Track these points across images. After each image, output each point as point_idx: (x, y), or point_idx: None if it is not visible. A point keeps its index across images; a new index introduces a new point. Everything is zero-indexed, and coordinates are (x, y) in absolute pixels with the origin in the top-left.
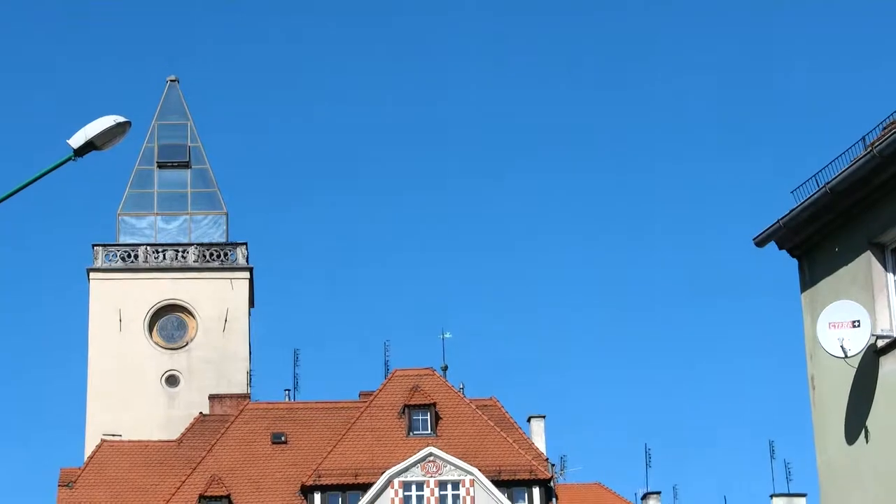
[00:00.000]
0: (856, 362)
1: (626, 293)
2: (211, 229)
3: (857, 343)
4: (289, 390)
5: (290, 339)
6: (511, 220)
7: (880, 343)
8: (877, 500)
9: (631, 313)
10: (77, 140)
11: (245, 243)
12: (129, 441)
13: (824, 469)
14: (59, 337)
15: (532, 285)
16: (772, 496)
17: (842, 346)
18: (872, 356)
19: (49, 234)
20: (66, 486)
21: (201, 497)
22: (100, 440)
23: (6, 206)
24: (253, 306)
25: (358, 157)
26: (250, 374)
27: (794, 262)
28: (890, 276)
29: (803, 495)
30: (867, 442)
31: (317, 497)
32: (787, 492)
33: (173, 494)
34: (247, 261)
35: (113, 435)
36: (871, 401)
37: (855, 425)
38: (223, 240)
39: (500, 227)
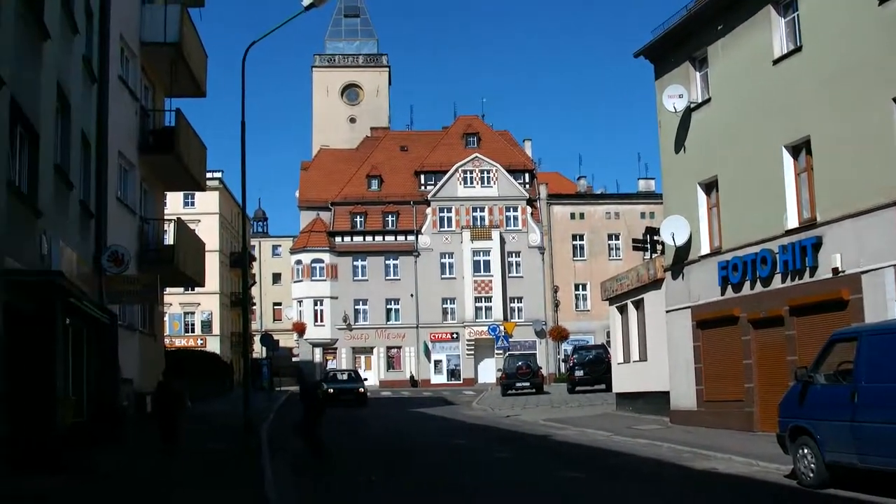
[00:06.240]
0: (680, 114)
1: None
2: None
3: (681, 105)
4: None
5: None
6: None
7: (692, 105)
8: (688, 174)
9: None
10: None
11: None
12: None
13: (666, 160)
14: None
15: None
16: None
17: (674, 106)
18: (688, 112)
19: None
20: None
21: (367, 176)
22: (319, 148)
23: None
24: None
25: None
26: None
27: (652, 65)
28: (697, 73)
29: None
30: (685, 153)
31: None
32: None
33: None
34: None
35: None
36: (687, 133)
37: (678, 143)
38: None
39: None
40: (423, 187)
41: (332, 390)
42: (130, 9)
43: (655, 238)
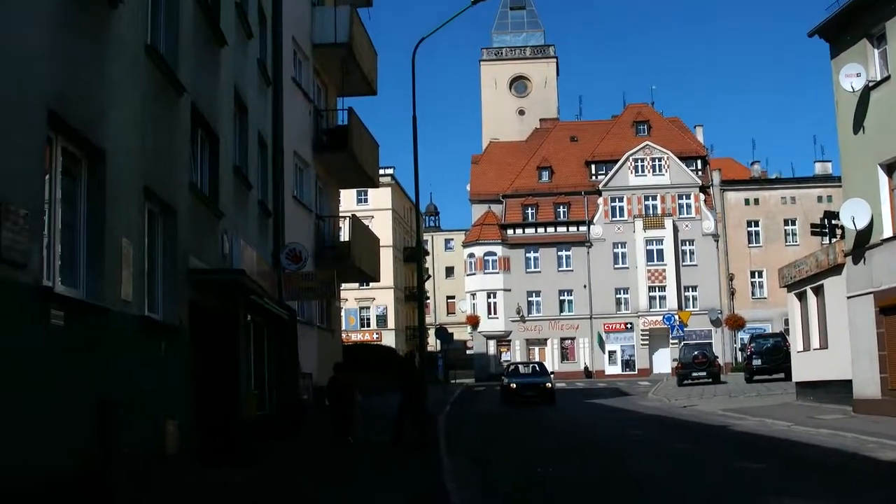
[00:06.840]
0: (858, 94)
1: None
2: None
3: (859, 84)
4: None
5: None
6: None
7: (870, 84)
8: (868, 155)
9: None
10: None
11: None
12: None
13: (844, 142)
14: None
15: None
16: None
17: (851, 86)
18: (866, 91)
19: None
20: (475, 163)
21: (537, 167)
22: (489, 141)
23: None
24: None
25: None
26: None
27: (827, 44)
28: (875, 50)
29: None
30: (864, 133)
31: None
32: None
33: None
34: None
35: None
36: (865, 113)
37: (857, 124)
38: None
39: None
40: (593, 177)
41: (513, 385)
42: (301, 11)
43: (834, 222)
